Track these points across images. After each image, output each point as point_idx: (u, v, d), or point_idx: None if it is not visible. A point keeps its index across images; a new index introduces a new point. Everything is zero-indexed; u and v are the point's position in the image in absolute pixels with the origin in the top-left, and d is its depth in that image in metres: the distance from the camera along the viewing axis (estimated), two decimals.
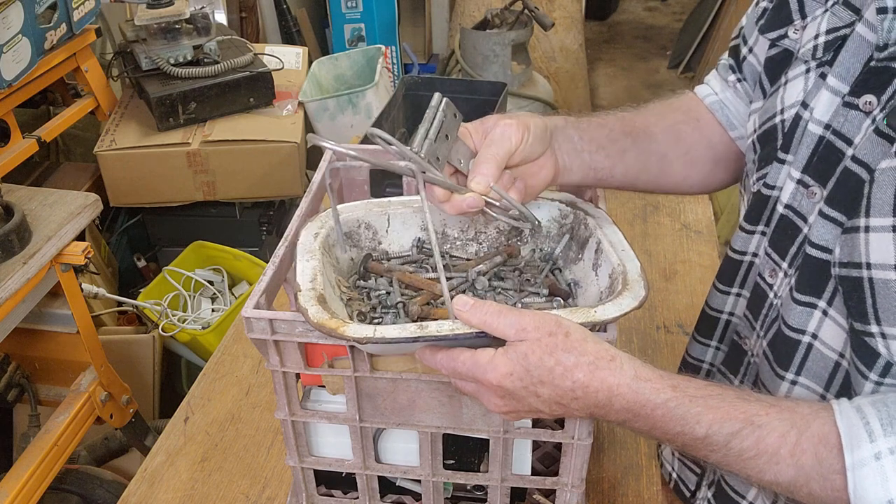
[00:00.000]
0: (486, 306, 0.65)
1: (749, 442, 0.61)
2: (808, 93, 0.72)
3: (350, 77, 2.64)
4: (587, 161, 0.85)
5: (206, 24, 2.17)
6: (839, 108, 0.67)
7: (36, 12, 1.76)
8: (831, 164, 0.68)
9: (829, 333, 0.69)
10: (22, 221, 1.35)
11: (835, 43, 0.70)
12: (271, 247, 2.27)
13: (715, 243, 1.51)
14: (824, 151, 0.69)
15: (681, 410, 0.62)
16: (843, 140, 0.67)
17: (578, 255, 0.84)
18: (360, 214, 0.86)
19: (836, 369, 0.69)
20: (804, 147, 0.71)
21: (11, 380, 1.54)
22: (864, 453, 0.57)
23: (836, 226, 0.66)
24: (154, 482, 1.06)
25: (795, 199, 0.72)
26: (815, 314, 0.69)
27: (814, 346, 0.70)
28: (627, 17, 5.69)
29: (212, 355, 1.29)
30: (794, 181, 0.72)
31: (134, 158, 2.11)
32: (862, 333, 0.63)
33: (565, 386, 0.63)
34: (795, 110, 0.73)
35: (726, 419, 0.61)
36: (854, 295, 0.63)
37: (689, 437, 0.63)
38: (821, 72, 0.71)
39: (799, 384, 0.73)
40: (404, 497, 0.93)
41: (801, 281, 0.70)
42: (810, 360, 0.71)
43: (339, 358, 0.76)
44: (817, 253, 0.68)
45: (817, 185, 0.69)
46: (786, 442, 0.60)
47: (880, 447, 0.57)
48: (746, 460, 0.61)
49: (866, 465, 0.57)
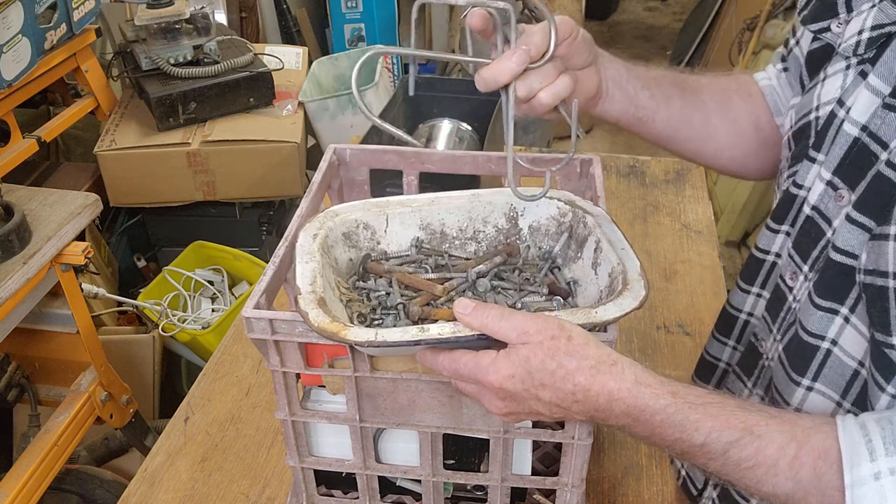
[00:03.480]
0: (488, 309, 0.65)
1: (748, 451, 0.60)
2: (846, 90, 0.69)
3: (350, 77, 2.64)
4: (631, 95, 0.83)
5: (206, 24, 2.17)
6: (878, 110, 0.64)
7: (36, 12, 1.76)
8: (863, 167, 0.65)
9: (849, 341, 0.67)
10: (22, 221, 1.35)
11: (879, 40, 0.67)
12: (271, 247, 2.27)
13: (715, 243, 1.51)
14: (857, 154, 0.66)
15: (679, 417, 0.62)
16: (879, 143, 0.64)
17: (577, 253, 0.84)
18: (358, 215, 0.86)
19: (854, 378, 0.68)
20: (837, 147, 0.68)
21: (11, 380, 1.54)
22: (864, 472, 0.56)
23: (864, 231, 0.63)
24: (154, 482, 1.06)
25: (822, 202, 0.70)
26: (836, 320, 0.68)
27: (833, 353, 0.69)
28: (627, 17, 5.69)
29: (212, 355, 1.29)
30: (824, 182, 0.70)
31: (134, 158, 2.11)
32: (883, 345, 0.61)
33: (566, 389, 0.63)
34: (831, 108, 0.71)
35: (725, 427, 0.61)
36: (878, 304, 0.61)
37: (687, 444, 0.62)
38: (861, 69, 0.68)
39: (815, 391, 0.72)
40: (404, 497, 0.93)
41: (821, 286, 0.68)
42: (828, 366, 0.70)
43: (339, 358, 0.76)
44: (841, 258, 0.66)
45: (846, 188, 0.67)
46: (785, 454, 0.60)
47: (881, 467, 0.56)
48: (744, 470, 0.61)
49: (865, 485, 0.56)
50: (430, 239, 0.88)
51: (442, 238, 0.88)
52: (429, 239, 0.88)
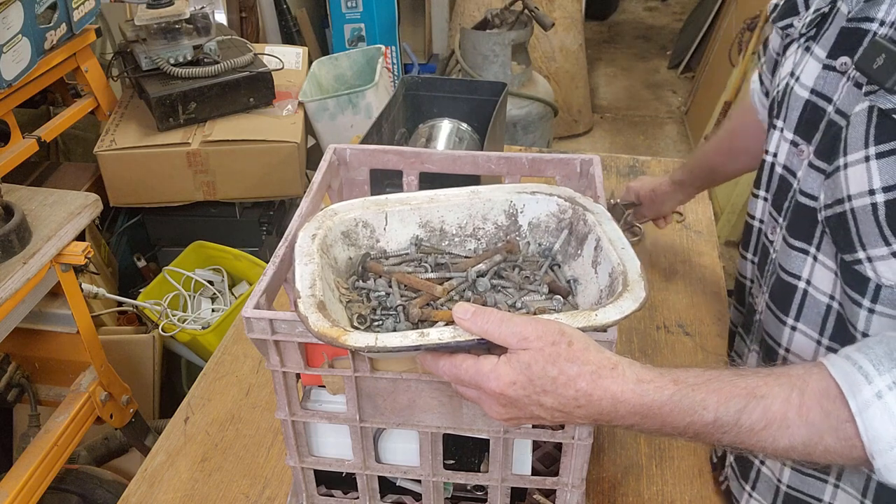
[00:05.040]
0: (488, 314, 0.65)
1: (757, 414, 0.62)
2: (797, 64, 0.81)
3: (350, 77, 2.64)
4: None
5: (206, 24, 2.17)
6: (820, 73, 0.76)
7: (36, 12, 1.76)
8: (816, 122, 0.76)
9: (819, 278, 0.75)
10: (22, 221, 1.35)
11: (817, 19, 0.80)
12: (271, 247, 2.27)
13: (715, 243, 1.51)
14: (811, 113, 0.77)
15: (687, 402, 0.63)
16: (825, 99, 0.75)
17: (578, 250, 0.84)
18: (357, 213, 0.86)
19: (828, 313, 0.75)
20: (793, 112, 0.80)
21: (11, 380, 1.54)
22: (866, 395, 0.59)
23: (822, 174, 0.73)
24: (154, 482, 1.06)
25: (788, 160, 0.81)
26: (807, 260, 0.76)
27: (808, 292, 0.77)
28: (627, 17, 5.69)
29: (212, 355, 1.29)
30: (787, 143, 0.81)
31: (134, 158, 2.11)
32: (851, 263, 0.69)
33: (568, 395, 0.64)
34: (786, 81, 0.83)
35: (731, 398, 0.63)
36: (840, 231, 0.69)
37: (699, 425, 0.63)
38: (807, 45, 0.81)
39: (798, 330, 0.79)
40: (404, 497, 0.93)
41: (793, 227, 0.78)
42: (806, 305, 0.77)
43: (340, 358, 0.76)
44: (806, 200, 0.76)
45: (805, 143, 0.78)
46: (791, 405, 0.61)
47: (879, 386, 0.59)
48: (758, 432, 0.62)
49: (871, 406, 0.59)
50: (430, 237, 0.88)
51: (441, 235, 0.88)
52: (428, 237, 0.88)
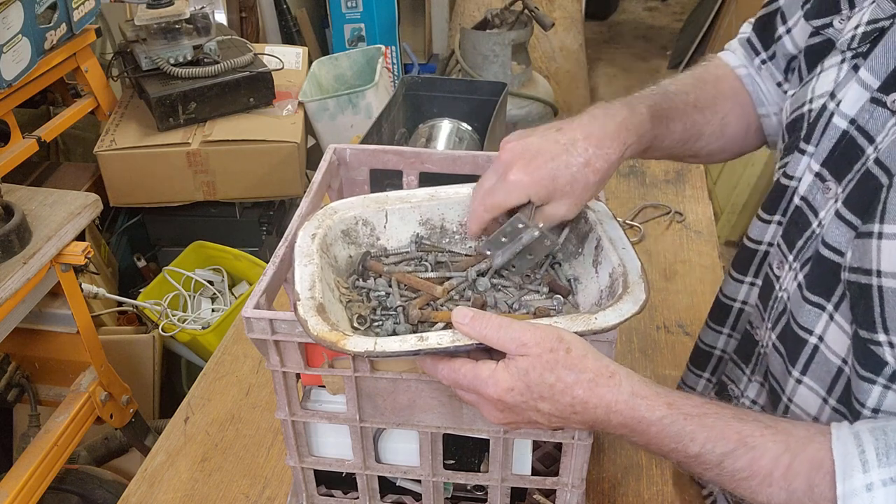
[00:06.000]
0: (486, 319, 0.65)
1: (742, 462, 0.61)
2: (839, 84, 0.70)
3: (350, 77, 2.64)
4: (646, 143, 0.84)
5: (206, 24, 2.17)
6: (866, 104, 0.66)
7: (36, 12, 1.76)
8: (850, 160, 0.67)
9: (833, 338, 0.68)
10: (22, 221, 1.35)
11: (872, 34, 0.67)
12: (271, 247, 2.27)
13: (715, 243, 1.51)
14: (846, 147, 0.68)
15: (675, 428, 0.62)
16: (866, 137, 0.65)
17: (578, 248, 0.84)
18: (357, 211, 0.86)
19: (838, 375, 0.69)
20: (826, 139, 0.70)
21: (11, 380, 1.54)
22: (856, 483, 0.56)
23: (851, 229, 0.64)
24: (154, 482, 1.06)
25: (811, 193, 0.72)
26: (822, 316, 0.69)
27: (819, 349, 0.70)
28: (627, 17, 5.69)
29: (212, 355, 1.29)
30: (813, 174, 0.72)
31: (134, 158, 2.11)
32: (868, 342, 0.62)
33: (565, 402, 0.64)
34: (823, 101, 0.72)
35: (720, 438, 0.61)
36: (861, 302, 0.62)
37: (682, 455, 0.63)
38: (854, 63, 0.69)
39: (804, 384, 0.73)
40: (404, 497, 0.93)
41: (811, 280, 0.70)
42: (815, 362, 0.71)
43: (340, 358, 0.76)
44: (829, 254, 0.67)
45: (834, 180, 0.68)
46: (779, 465, 0.60)
47: (872, 478, 0.56)
48: (739, 480, 0.61)
49: (857, 496, 0.56)
50: (430, 234, 0.88)
51: (442, 233, 0.88)
52: (429, 234, 0.88)
